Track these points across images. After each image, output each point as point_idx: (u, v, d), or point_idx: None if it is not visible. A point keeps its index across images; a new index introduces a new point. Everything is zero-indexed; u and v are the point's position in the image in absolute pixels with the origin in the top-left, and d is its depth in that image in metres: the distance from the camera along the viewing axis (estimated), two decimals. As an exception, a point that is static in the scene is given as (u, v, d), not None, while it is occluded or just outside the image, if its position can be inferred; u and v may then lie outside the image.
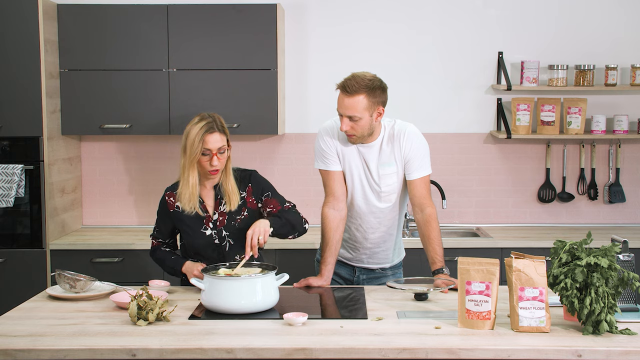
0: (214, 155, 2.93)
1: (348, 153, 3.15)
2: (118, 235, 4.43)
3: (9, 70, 4.11)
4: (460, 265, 2.52)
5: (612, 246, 2.47)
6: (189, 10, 4.27)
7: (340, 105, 3.00)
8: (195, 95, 4.30)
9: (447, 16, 4.61)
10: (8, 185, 4.08)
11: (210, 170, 2.96)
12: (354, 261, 3.30)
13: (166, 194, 3.10)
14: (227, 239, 3.05)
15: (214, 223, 3.04)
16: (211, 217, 3.04)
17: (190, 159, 2.94)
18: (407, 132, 3.11)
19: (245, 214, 3.06)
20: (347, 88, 2.96)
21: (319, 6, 4.61)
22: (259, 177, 3.12)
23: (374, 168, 3.12)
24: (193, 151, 2.92)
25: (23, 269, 4.17)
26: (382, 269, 3.31)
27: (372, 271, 3.31)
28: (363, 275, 3.31)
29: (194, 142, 2.92)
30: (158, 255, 3.13)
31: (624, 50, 4.57)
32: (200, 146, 2.91)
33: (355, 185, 3.16)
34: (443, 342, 2.35)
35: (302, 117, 4.67)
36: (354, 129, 3.02)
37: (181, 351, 2.31)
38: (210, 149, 2.93)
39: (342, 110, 3.00)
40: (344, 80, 2.99)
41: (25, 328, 2.51)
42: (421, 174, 3.12)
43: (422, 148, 3.13)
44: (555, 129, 4.53)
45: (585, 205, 4.70)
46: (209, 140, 2.92)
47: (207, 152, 2.93)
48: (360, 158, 3.14)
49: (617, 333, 2.42)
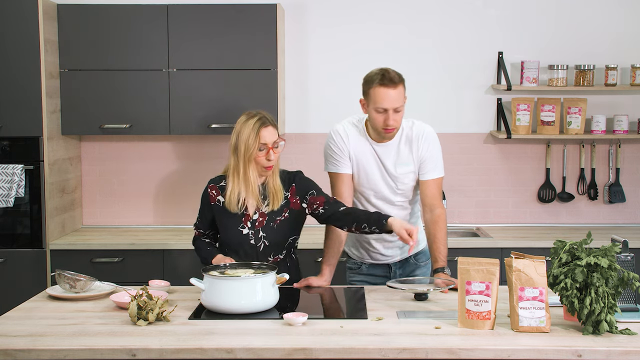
0: (270, 150, 2.92)
1: (362, 154, 3.16)
2: (118, 235, 4.43)
3: (9, 70, 4.11)
4: (460, 265, 2.52)
5: (612, 246, 2.47)
6: (189, 10, 4.27)
7: (386, 99, 2.99)
8: (195, 95, 4.30)
9: (447, 16, 4.61)
10: (8, 185, 4.08)
11: (267, 166, 2.94)
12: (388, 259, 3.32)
13: (209, 186, 3.08)
14: (262, 240, 3.02)
15: (252, 222, 3.01)
16: (251, 216, 3.01)
17: (247, 156, 2.91)
18: (426, 133, 3.16)
19: (286, 215, 3.04)
20: (392, 80, 2.99)
21: (319, 6, 4.61)
22: (304, 176, 3.11)
23: (390, 166, 3.14)
24: (249, 147, 2.90)
25: (23, 269, 4.17)
26: (415, 258, 3.32)
27: (406, 262, 3.32)
28: (399, 270, 3.33)
29: (249, 137, 2.90)
30: (197, 244, 3.15)
31: (624, 50, 4.58)
32: (257, 141, 2.90)
33: (372, 184, 3.17)
34: (443, 342, 2.35)
35: (302, 117, 4.67)
36: (397, 121, 3.04)
37: (181, 351, 2.31)
38: (267, 143, 2.92)
39: (390, 103, 2.99)
40: (381, 75, 3.00)
41: (25, 328, 2.51)
42: (435, 176, 3.16)
43: (438, 150, 3.18)
44: (555, 129, 4.53)
45: (585, 205, 4.70)
46: (265, 134, 2.92)
47: (263, 147, 2.92)
48: (374, 157, 3.15)
49: (617, 333, 2.41)
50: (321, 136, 4.64)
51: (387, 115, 3.01)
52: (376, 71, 3.04)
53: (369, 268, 3.35)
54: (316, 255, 4.15)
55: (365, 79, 3.08)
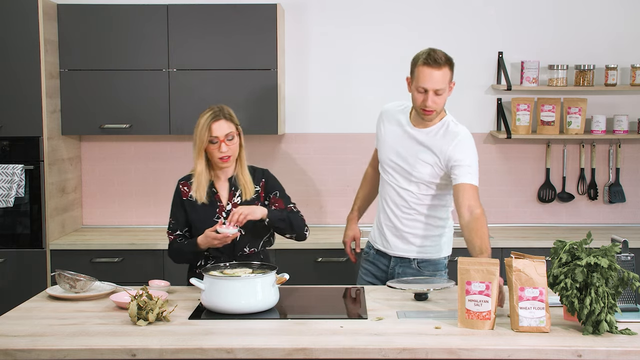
0: (221, 142, 3.00)
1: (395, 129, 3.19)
2: (118, 235, 4.43)
3: (9, 70, 4.11)
4: (460, 265, 2.53)
5: (612, 246, 2.47)
6: (189, 10, 4.27)
7: (428, 79, 2.99)
8: (195, 95, 4.30)
9: (447, 16, 4.61)
10: (8, 185, 4.08)
11: (221, 157, 3.01)
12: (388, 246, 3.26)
13: (180, 183, 3.17)
14: (238, 230, 3.05)
15: (226, 214, 3.07)
16: (224, 207, 3.08)
17: (198, 148, 3.04)
18: (461, 133, 3.11)
19: None
20: (437, 60, 2.99)
21: (319, 6, 4.61)
22: (272, 175, 3.21)
23: (415, 152, 3.12)
24: (200, 140, 3.01)
25: (23, 269, 4.17)
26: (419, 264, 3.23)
27: (408, 263, 3.23)
28: (399, 269, 3.23)
29: (201, 131, 3.01)
30: (174, 247, 3.14)
31: (624, 50, 4.58)
32: (207, 134, 3.00)
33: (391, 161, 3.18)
34: (443, 342, 2.35)
35: (302, 117, 4.67)
36: (437, 104, 3.04)
37: (181, 351, 2.31)
38: (217, 136, 3.00)
39: (431, 84, 2.99)
40: (427, 55, 3.00)
41: (25, 328, 2.51)
42: (470, 181, 3.01)
43: (473, 155, 3.08)
44: (555, 129, 4.53)
45: (585, 205, 4.70)
46: (215, 127, 3.00)
47: (214, 140, 3.01)
48: (407, 138, 3.15)
49: (617, 333, 2.42)
50: (321, 136, 4.66)
51: (426, 96, 3.01)
52: (424, 50, 3.05)
53: (375, 255, 3.32)
54: (316, 255, 4.15)
55: (413, 58, 3.09)
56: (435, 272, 3.23)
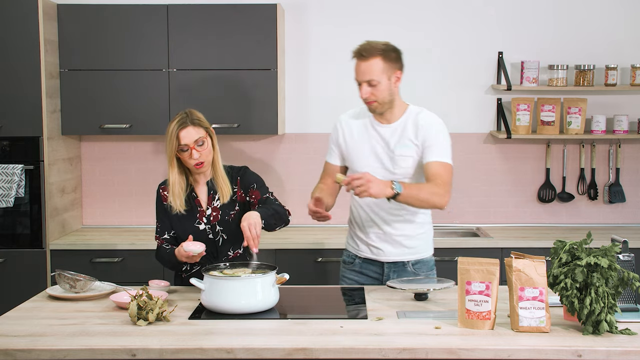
0: (192, 149, 2.96)
1: (359, 135, 3.15)
2: (118, 235, 4.43)
3: (9, 70, 4.11)
4: (460, 265, 2.52)
5: (612, 246, 2.47)
6: (189, 10, 4.27)
7: (357, 71, 3.03)
8: (195, 95, 4.30)
9: (447, 16, 4.61)
10: (8, 185, 4.08)
11: (194, 164, 2.98)
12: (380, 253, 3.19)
13: (160, 188, 3.13)
14: (220, 234, 3.06)
15: (207, 218, 3.05)
16: (205, 212, 3.06)
17: (169, 157, 3.00)
18: (434, 121, 3.10)
19: (237, 208, 3.08)
20: (362, 52, 3.02)
21: (319, 6, 4.61)
22: (249, 171, 3.16)
23: (391, 148, 3.10)
24: (170, 149, 2.98)
25: (23, 269, 4.17)
26: (413, 266, 3.19)
27: (404, 269, 3.19)
28: (394, 275, 3.18)
29: (170, 140, 2.97)
30: (160, 253, 3.12)
31: (624, 50, 4.58)
32: (175, 143, 2.96)
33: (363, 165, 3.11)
34: (443, 342, 2.35)
35: (302, 117, 4.67)
36: (374, 95, 3.03)
37: (181, 351, 2.31)
38: (187, 144, 2.95)
39: (360, 76, 3.03)
40: (356, 48, 3.04)
41: (25, 328, 2.51)
42: (439, 159, 3.03)
43: (442, 136, 3.09)
44: (555, 129, 4.53)
45: (585, 205, 4.70)
46: (183, 135, 2.95)
47: (185, 148, 2.96)
48: (378, 137, 3.12)
49: (617, 333, 2.42)
50: (321, 136, 4.65)
51: (360, 88, 3.04)
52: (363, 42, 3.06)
53: (362, 264, 3.23)
54: (316, 255, 4.15)
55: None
56: (429, 272, 3.22)
